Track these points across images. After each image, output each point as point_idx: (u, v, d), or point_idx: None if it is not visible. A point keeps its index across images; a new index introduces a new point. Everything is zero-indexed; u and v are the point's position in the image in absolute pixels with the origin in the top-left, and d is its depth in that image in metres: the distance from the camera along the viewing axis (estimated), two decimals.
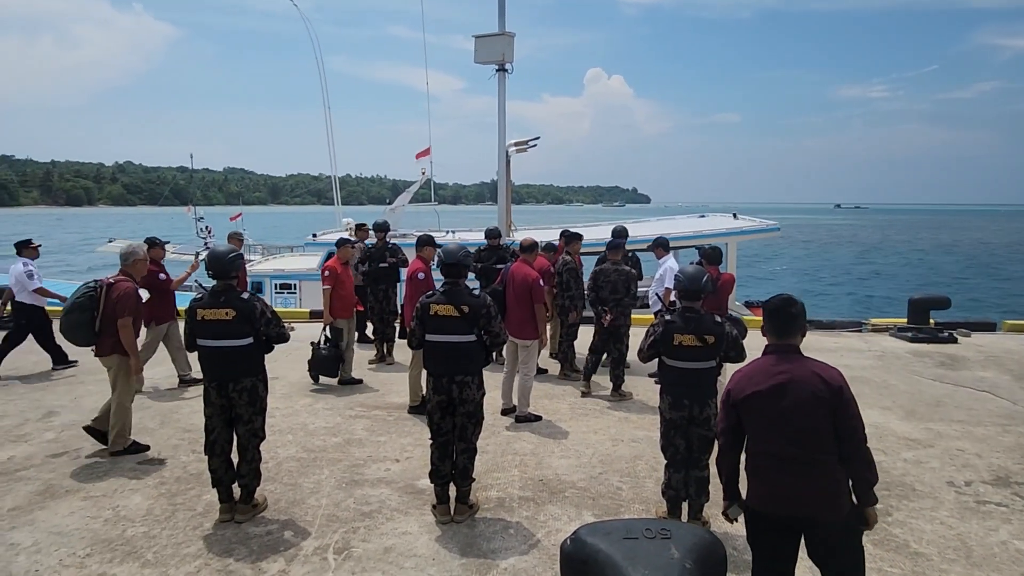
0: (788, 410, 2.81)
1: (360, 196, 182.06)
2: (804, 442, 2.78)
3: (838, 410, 2.77)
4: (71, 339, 5.49)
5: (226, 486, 4.40)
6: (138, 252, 5.79)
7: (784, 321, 2.95)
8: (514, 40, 12.69)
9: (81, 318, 5.36)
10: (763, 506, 2.91)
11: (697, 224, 16.10)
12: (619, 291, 7.12)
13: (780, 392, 2.82)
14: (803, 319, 2.96)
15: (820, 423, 2.77)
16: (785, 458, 2.82)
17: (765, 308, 2.99)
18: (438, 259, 4.60)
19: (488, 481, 5.02)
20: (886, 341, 10.48)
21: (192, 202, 25.30)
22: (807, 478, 2.78)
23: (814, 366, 2.88)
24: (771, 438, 2.86)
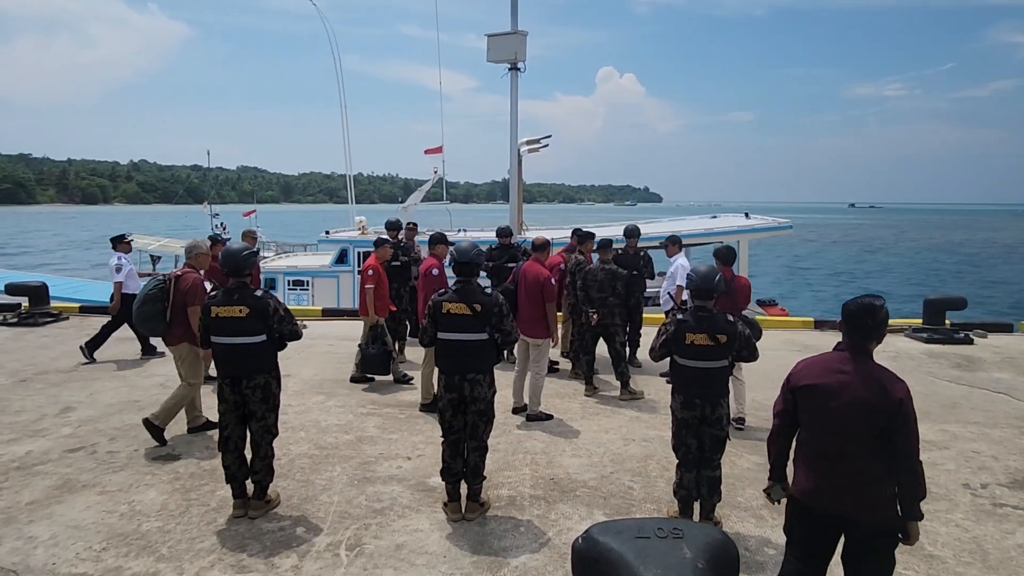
0: (837, 410, 2.82)
1: (372, 195, 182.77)
2: (847, 444, 2.81)
3: (893, 422, 2.75)
4: (144, 329, 5.99)
5: (239, 482, 4.44)
6: (201, 246, 6.20)
7: (859, 327, 2.91)
8: (527, 39, 12.68)
9: (153, 309, 5.74)
10: (805, 498, 2.95)
11: (709, 222, 16.04)
12: (605, 290, 7.09)
13: (834, 391, 2.84)
14: (881, 328, 2.91)
15: (866, 429, 2.77)
16: (828, 455, 2.86)
17: (845, 308, 2.96)
18: (450, 257, 4.62)
19: (499, 479, 5.03)
20: (901, 342, 10.38)
21: (208, 199, 25.52)
22: (845, 478, 2.81)
23: (879, 374, 2.84)
24: (818, 433, 2.90)
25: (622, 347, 7.32)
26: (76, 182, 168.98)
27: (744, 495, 4.85)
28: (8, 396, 7.04)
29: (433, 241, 7.33)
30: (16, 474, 5.07)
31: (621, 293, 7.11)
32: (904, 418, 2.75)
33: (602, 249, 7.38)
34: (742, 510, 4.63)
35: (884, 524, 2.81)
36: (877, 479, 2.79)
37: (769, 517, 4.51)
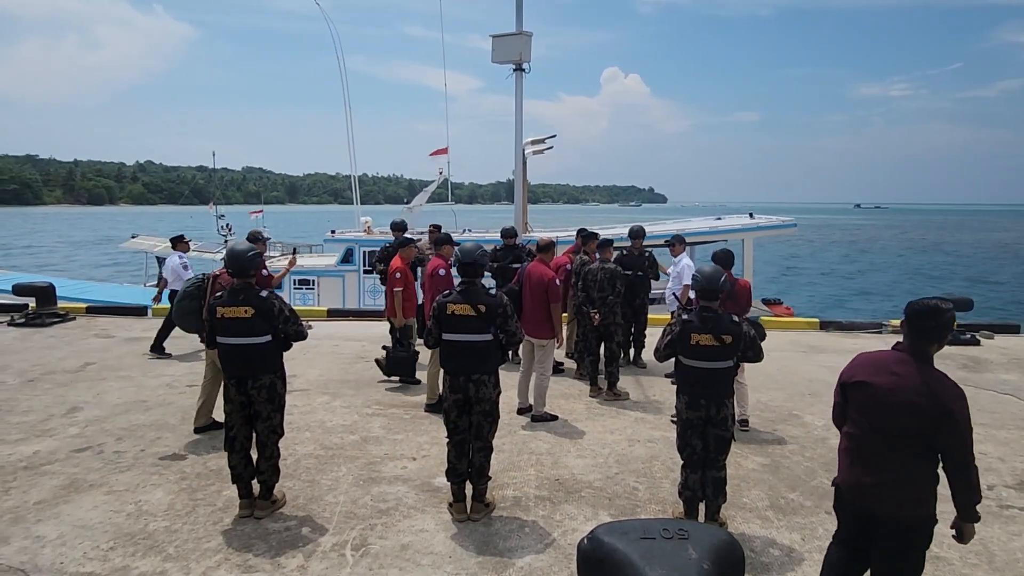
0: (882, 410, 2.83)
1: (377, 195, 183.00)
2: (887, 444, 2.82)
3: (942, 427, 2.71)
4: (183, 326, 6.07)
5: (246, 482, 4.45)
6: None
7: (920, 329, 2.88)
8: (531, 40, 12.69)
9: (191, 306, 5.87)
10: (843, 489, 3.01)
11: (714, 222, 16.03)
12: (605, 289, 7.08)
13: (883, 391, 2.84)
14: (944, 331, 2.87)
15: (909, 433, 2.77)
16: (866, 452, 2.89)
17: (909, 308, 2.94)
18: (455, 258, 4.62)
19: (504, 480, 5.04)
20: None
21: (214, 200, 25.53)
22: (880, 476, 2.83)
23: (933, 379, 2.79)
24: (861, 429, 2.92)
25: (618, 347, 7.30)
26: (82, 183, 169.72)
27: (749, 496, 4.85)
28: (16, 396, 7.08)
29: (439, 242, 7.34)
30: (24, 474, 5.10)
31: (621, 292, 7.10)
32: (954, 426, 2.69)
33: (602, 248, 7.38)
34: (747, 511, 4.62)
35: (915, 523, 2.81)
36: (913, 480, 2.78)
37: (774, 518, 4.51)
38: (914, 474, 2.78)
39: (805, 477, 5.20)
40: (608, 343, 7.22)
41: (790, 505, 4.72)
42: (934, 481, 2.80)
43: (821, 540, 4.21)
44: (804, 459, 5.57)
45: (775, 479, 5.16)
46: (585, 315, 7.69)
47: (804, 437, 6.07)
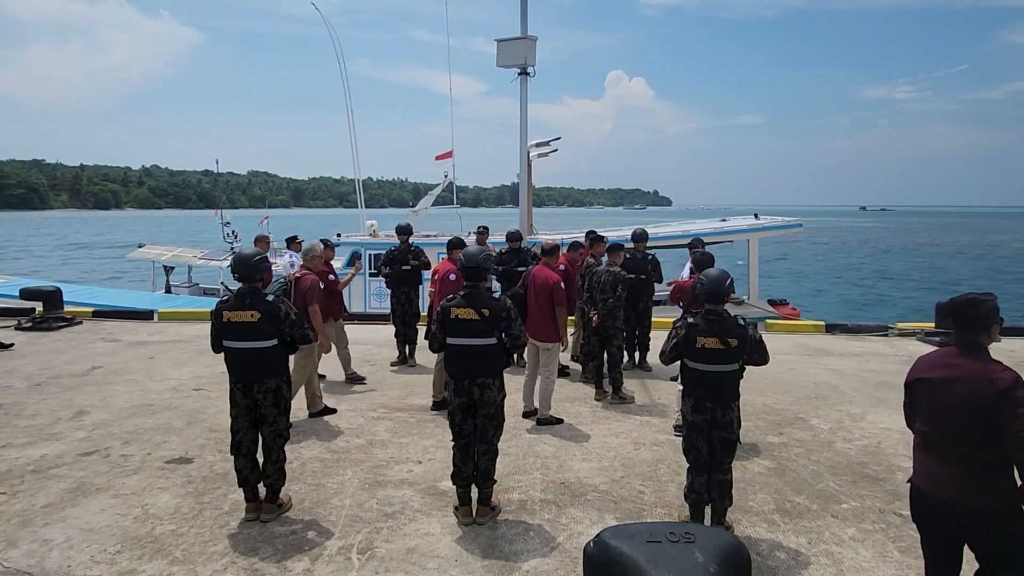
0: (945, 403, 2.89)
1: (381, 199, 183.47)
2: (954, 436, 2.88)
3: (1001, 408, 2.76)
4: None
5: (252, 486, 4.46)
6: (316, 249, 6.81)
7: (961, 321, 2.98)
8: (536, 44, 12.71)
9: None
10: (920, 484, 3.03)
11: (719, 223, 16.03)
12: (606, 292, 7.07)
13: (943, 385, 2.91)
14: (987, 320, 2.93)
15: (975, 422, 2.82)
16: (936, 446, 2.94)
17: (950, 305, 3.03)
18: (459, 262, 4.63)
19: (510, 483, 5.04)
20: (913, 345, 10.29)
21: (219, 206, 25.58)
22: (953, 466, 2.88)
23: (989, 366, 2.87)
24: (928, 424, 2.98)
25: (619, 351, 7.26)
26: (88, 187, 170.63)
27: (755, 499, 4.83)
28: (23, 400, 7.12)
29: (451, 246, 7.36)
30: (31, 477, 5.13)
31: (621, 296, 7.07)
32: (1012, 404, 2.74)
33: (611, 252, 7.37)
34: (753, 514, 4.61)
35: (997, 510, 2.85)
36: (987, 468, 2.83)
37: (781, 522, 4.49)
38: (984, 461, 2.84)
39: (811, 480, 5.18)
40: (608, 346, 7.21)
41: (796, 508, 4.70)
42: (1008, 467, 2.82)
43: (827, 544, 4.20)
44: (810, 462, 5.55)
45: (781, 482, 5.14)
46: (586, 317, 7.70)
47: (810, 440, 6.05)
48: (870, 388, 7.82)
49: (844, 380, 8.16)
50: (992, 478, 2.82)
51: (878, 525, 4.46)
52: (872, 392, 7.65)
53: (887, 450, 5.84)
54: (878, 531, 4.38)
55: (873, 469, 5.42)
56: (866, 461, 5.59)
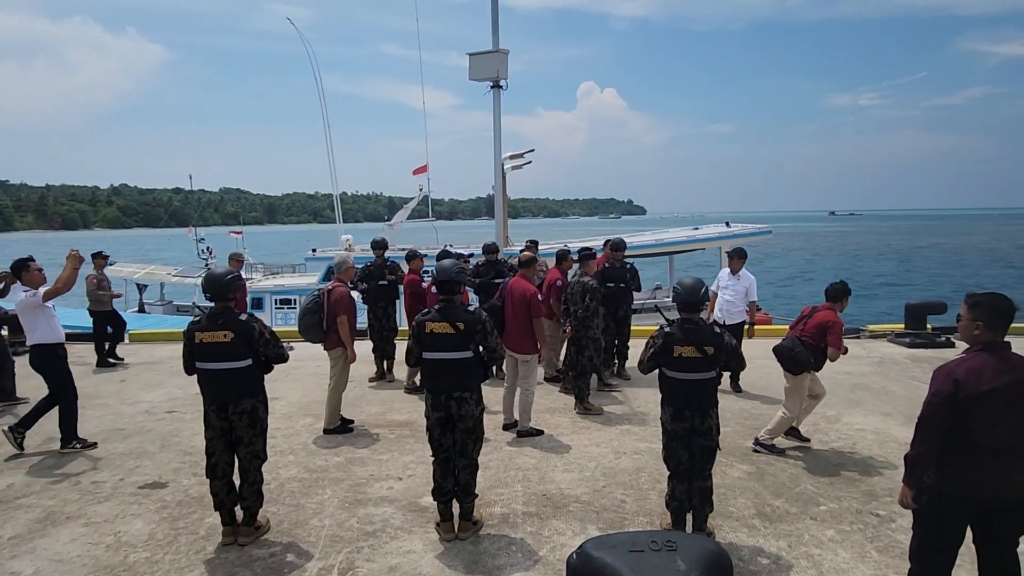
0: (1017, 407, 2.92)
1: (357, 213, 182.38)
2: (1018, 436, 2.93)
3: None
4: (307, 338, 6.62)
5: (228, 509, 4.38)
6: (348, 261, 6.95)
7: (1011, 321, 3.04)
8: (508, 57, 12.80)
9: (312, 320, 6.50)
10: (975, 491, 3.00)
11: (692, 232, 16.25)
12: (578, 303, 7.11)
13: (1013, 389, 2.93)
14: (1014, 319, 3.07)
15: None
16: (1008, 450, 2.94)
17: (992, 306, 3.04)
18: (432, 276, 4.62)
19: (491, 497, 5.01)
20: (884, 347, 10.51)
21: (192, 223, 25.27)
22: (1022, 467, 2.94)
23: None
24: (999, 433, 2.94)
25: (589, 362, 7.26)
26: (55, 208, 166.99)
27: (736, 504, 4.87)
28: None
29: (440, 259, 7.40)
30: None
31: (590, 307, 7.09)
32: None
33: (583, 261, 7.39)
34: (734, 519, 4.64)
35: None
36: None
37: (761, 526, 4.53)
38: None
39: (790, 484, 5.24)
40: (578, 355, 7.23)
41: (776, 512, 4.74)
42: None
43: (807, 546, 4.24)
44: (788, 466, 5.61)
45: (760, 487, 5.19)
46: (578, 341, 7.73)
47: (788, 444, 6.11)
48: (844, 390, 7.94)
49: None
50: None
51: (856, 526, 4.52)
52: (847, 394, 7.78)
53: (862, 451, 5.93)
54: (856, 532, 4.44)
55: (850, 470, 5.50)
56: (842, 462, 5.67)
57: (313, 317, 6.50)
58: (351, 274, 7.08)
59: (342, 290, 6.64)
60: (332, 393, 6.63)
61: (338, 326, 6.46)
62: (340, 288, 6.65)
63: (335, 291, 6.58)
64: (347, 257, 7.10)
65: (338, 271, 6.89)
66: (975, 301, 3.09)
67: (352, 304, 6.69)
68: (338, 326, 6.46)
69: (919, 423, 3.11)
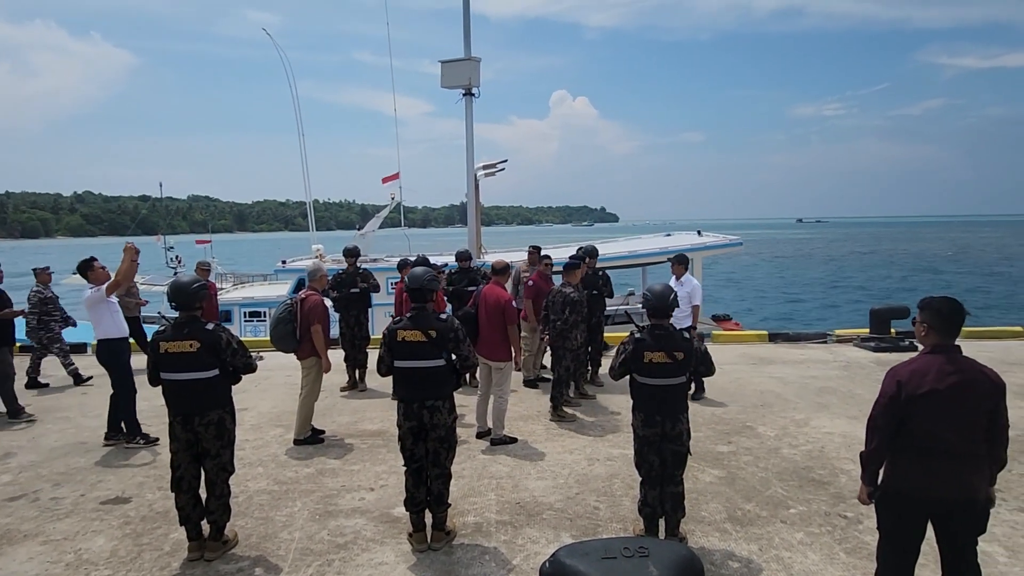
0: (968, 408, 2.99)
1: (329, 221, 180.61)
2: (971, 436, 3.00)
3: (999, 404, 3.01)
4: (280, 347, 6.54)
5: (194, 523, 4.27)
6: (321, 269, 6.88)
7: (958, 324, 3.10)
8: (480, 65, 12.85)
9: (285, 329, 6.41)
10: (922, 489, 3.07)
11: (664, 240, 16.41)
12: (557, 312, 7.15)
13: (955, 391, 2.99)
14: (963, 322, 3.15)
15: (985, 420, 2.99)
16: (954, 451, 3.00)
17: (937, 310, 3.11)
18: (404, 284, 4.58)
19: (464, 506, 4.98)
20: (851, 351, 10.72)
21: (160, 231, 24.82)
22: (970, 466, 3.01)
23: (978, 366, 3.06)
24: (950, 431, 3.00)
25: (566, 372, 7.28)
26: (15, 215, 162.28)
27: (708, 509, 4.91)
28: None
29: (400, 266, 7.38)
30: None
31: (569, 318, 7.12)
32: (1003, 397, 3.02)
33: (566, 271, 7.40)
34: (706, 524, 4.67)
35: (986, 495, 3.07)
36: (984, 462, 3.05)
37: (732, 530, 4.57)
38: (983, 455, 3.04)
39: (760, 487, 5.30)
40: (556, 366, 7.25)
41: (747, 516, 4.79)
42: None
43: (777, 549, 4.29)
44: (758, 470, 5.68)
45: (731, 491, 5.24)
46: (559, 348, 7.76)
47: (758, 448, 6.20)
48: (812, 394, 8.08)
49: (787, 387, 8.42)
50: (986, 470, 3.05)
51: (824, 528, 4.59)
52: (814, 398, 7.91)
53: (830, 454, 6.03)
54: (825, 534, 4.50)
55: (818, 473, 5.58)
56: (811, 466, 5.75)
57: (287, 327, 6.42)
58: (324, 282, 7.01)
59: (316, 299, 6.56)
60: (304, 403, 6.54)
61: (312, 335, 6.38)
62: (314, 297, 6.57)
63: (308, 300, 6.49)
64: (320, 265, 7.01)
65: (311, 279, 6.82)
66: (923, 304, 3.19)
67: (326, 313, 6.63)
68: (312, 335, 6.38)
69: (868, 422, 3.24)
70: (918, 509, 3.12)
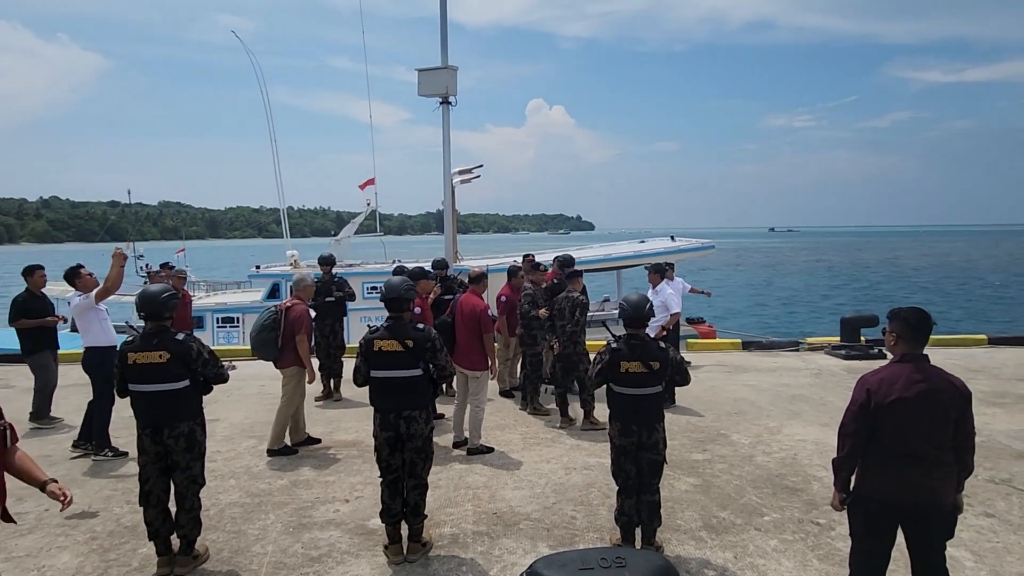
0: (934, 415, 3.04)
1: (303, 228, 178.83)
2: (939, 443, 3.05)
3: (965, 411, 3.07)
4: (261, 355, 6.49)
5: (164, 538, 4.17)
6: (307, 279, 6.85)
7: (925, 334, 3.17)
8: (457, 73, 12.87)
9: (268, 337, 6.34)
10: (891, 495, 3.11)
11: (638, 245, 16.58)
12: (565, 319, 7.19)
13: (923, 399, 3.04)
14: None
15: (951, 427, 3.05)
16: (923, 457, 3.05)
17: (905, 320, 3.18)
18: (380, 294, 4.56)
19: (441, 517, 4.94)
20: (822, 359, 10.91)
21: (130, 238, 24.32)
22: (932, 472, 3.07)
23: (945, 374, 3.13)
24: (918, 439, 3.06)
25: (585, 374, 7.32)
26: None
27: (683, 517, 4.94)
28: None
29: (415, 276, 7.34)
30: None
31: (580, 320, 7.17)
32: (970, 405, 3.09)
33: (570, 277, 7.51)
34: (682, 532, 4.70)
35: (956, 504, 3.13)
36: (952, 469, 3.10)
37: (708, 538, 4.61)
38: (949, 461, 3.09)
39: (735, 495, 5.35)
40: (574, 372, 7.25)
41: (722, 524, 4.83)
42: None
43: (752, 557, 4.33)
44: (733, 477, 5.73)
45: (707, 499, 5.28)
46: (528, 344, 7.76)
47: (732, 456, 6.26)
48: (785, 402, 8.20)
49: (761, 395, 8.53)
50: (953, 476, 3.11)
51: (798, 535, 4.65)
52: (787, 406, 8.02)
53: (803, 461, 6.12)
54: (798, 541, 4.56)
55: (791, 480, 5.66)
56: (784, 473, 5.83)
57: (269, 334, 6.35)
58: (310, 292, 6.94)
59: (301, 308, 6.51)
60: (281, 412, 6.45)
61: (296, 345, 6.33)
62: (299, 306, 6.51)
63: (294, 309, 6.43)
64: (306, 275, 6.98)
65: (297, 289, 6.77)
66: (892, 315, 3.28)
67: (311, 323, 6.58)
68: (296, 345, 6.33)
69: (839, 430, 3.32)
70: (888, 514, 3.17)
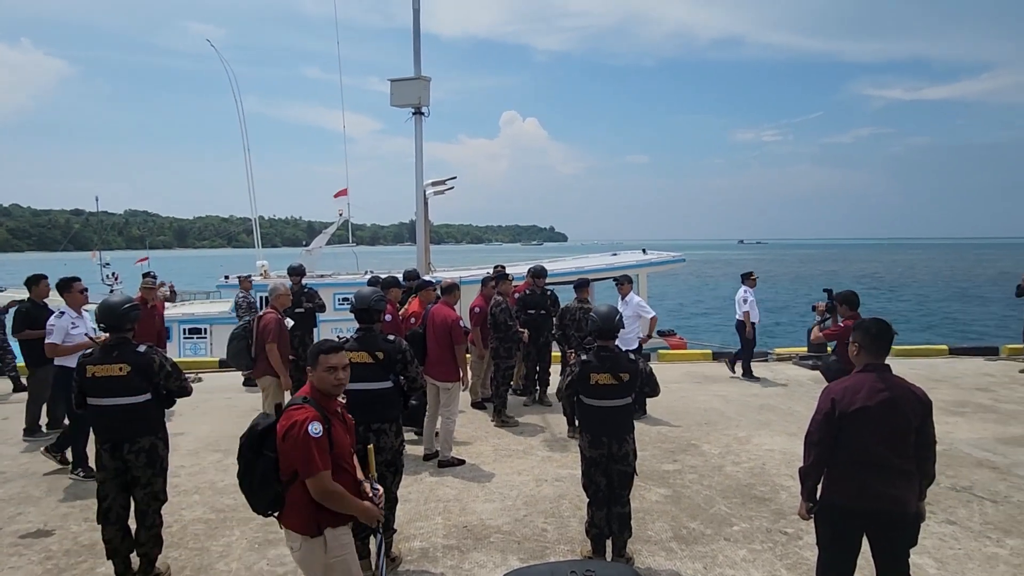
0: (897, 424, 3.09)
1: (274, 238, 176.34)
2: (901, 451, 3.10)
3: (926, 420, 3.13)
4: (235, 364, 6.63)
5: (123, 557, 4.04)
6: (280, 288, 6.88)
7: (887, 343, 3.23)
8: (430, 84, 12.87)
9: (240, 346, 6.39)
10: (855, 502, 3.17)
11: (610, 258, 16.70)
12: (582, 329, 7.25)
13: (885, 408, 3.09)
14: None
15: (913, 436, 3.10)
16: (885, 465, 3.10)
17: (866, 330, 3.24)
18: (351, 305, 4.50)
19: (411, 531, 4.88)
20: (790, 370, 11.08)
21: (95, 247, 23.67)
22: (901, 480, 3.12)
23: (907, 384, 3.19)
24: (883, 447, 3.10)
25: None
26: None
27: (654, 528, 4.95)
28: None
29: (386, 285, 7.26)
30: None
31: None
32: (930, 414, 3.16)
33: (579, 289, 7.71)
34: (653, 544, 4.71)
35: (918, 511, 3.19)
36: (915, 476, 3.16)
37: (678, 549, 4.62)
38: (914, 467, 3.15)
39: (704, 505, 5.38)
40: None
41: (692, 535, 4.85)
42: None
43: (722, 567, 4.35)
44: (703, 487, 5.77)
45: (677, 509, 5.30)
46: (503, 357, 7.77)
47: (702, 466, 6.30)
48: (753, 412, 8.29)
49: (730, 405, 8.62)
50: (916, 484, 3.17)
51: (766, 544, 4.68)
52: (755, 416, 8.12)
53: (771, 471, 6.18)
54: (766, 550, 4.60)
55: (760, 490, 5.71)
56: (753, 483, 5.88)
57: (241, 343, 6.39)
58: (285, 302, 6.92)
59: (271, 317, 6.52)
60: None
61: (267, 353, 6.32)
62: (270, 315, 6.54)
63: (264, 318, 6.48)
64: (280, 284, 7.02)
65: (272, 298, 6.77)
66: (855, 326, 3.36)
67: (283, 331, 6.58)
68: (267, 353, 6.32)
69: (805, 439, 3.37)
70: (853, 521, 3.22)
